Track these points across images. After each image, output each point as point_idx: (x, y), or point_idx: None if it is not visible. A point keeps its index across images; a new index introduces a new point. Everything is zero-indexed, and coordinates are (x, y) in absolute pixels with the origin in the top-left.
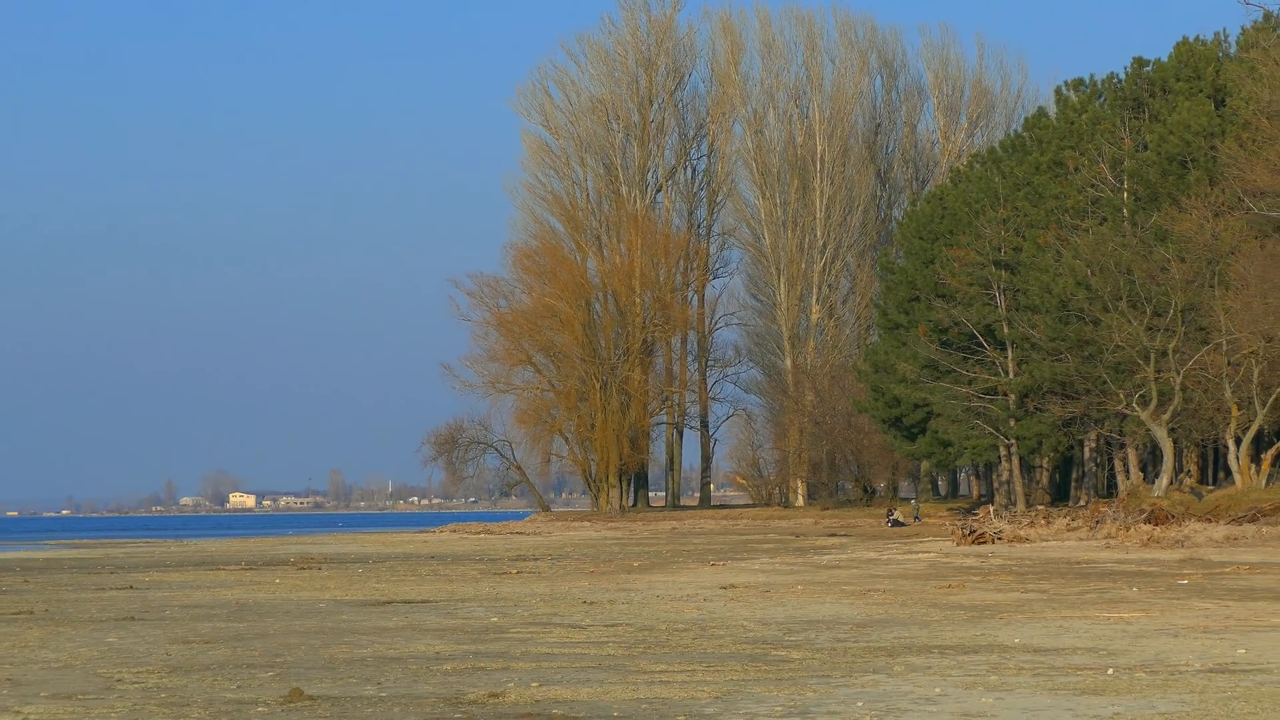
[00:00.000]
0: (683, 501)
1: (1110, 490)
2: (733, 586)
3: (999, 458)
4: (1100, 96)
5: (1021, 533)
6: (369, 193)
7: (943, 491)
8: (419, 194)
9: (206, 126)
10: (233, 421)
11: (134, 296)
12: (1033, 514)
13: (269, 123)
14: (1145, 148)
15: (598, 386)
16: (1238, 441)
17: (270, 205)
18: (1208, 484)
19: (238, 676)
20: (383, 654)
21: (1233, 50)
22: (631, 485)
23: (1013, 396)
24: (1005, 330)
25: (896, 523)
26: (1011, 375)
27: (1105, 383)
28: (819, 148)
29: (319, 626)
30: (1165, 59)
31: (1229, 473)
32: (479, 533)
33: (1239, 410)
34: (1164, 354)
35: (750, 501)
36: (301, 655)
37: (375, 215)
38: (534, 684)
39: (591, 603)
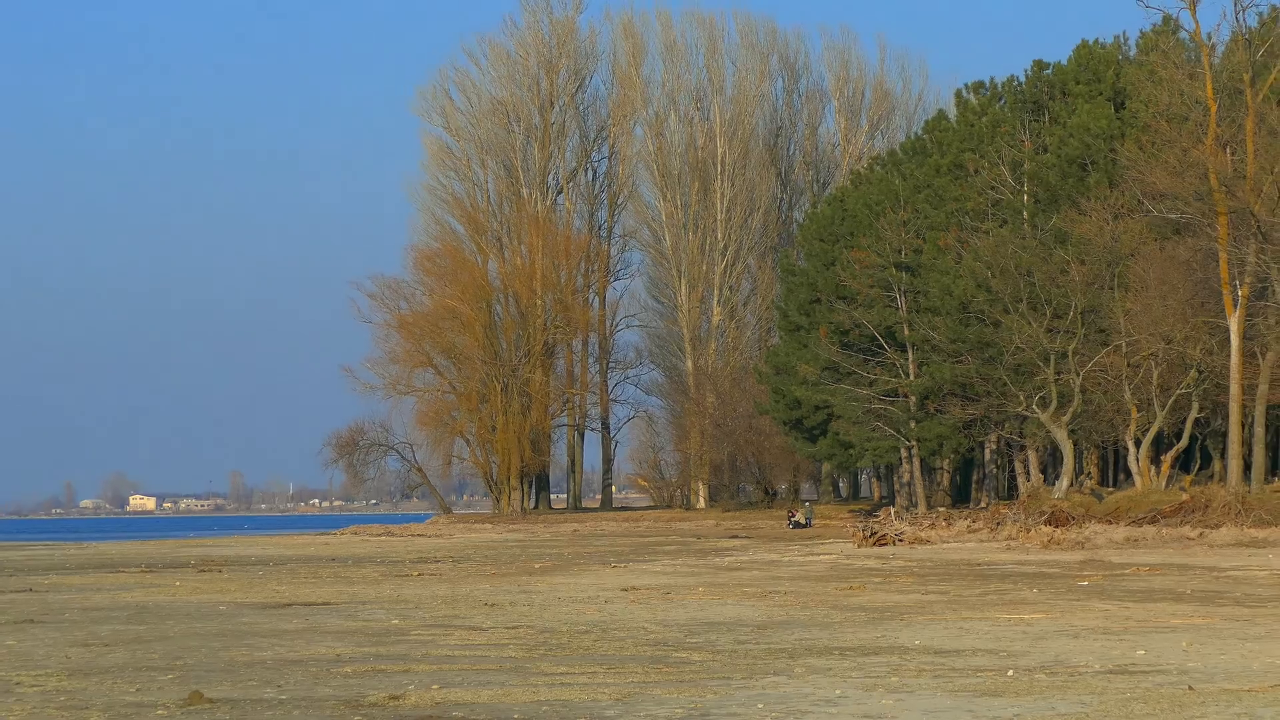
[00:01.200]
0: (584, 503)
1: (1011, 492)
2: (634, 589)
3: (900, 459)
4: (1000, 99)
5: (922, 534)
6: (270, 193)
7: (844, 493)
8: (320, 196)
9: (118, 119)
10: (133, 424)
11: (30, 297)
12: (934, 516)
13: (167, 120)
14: (1045, 150)
15: (499, 388)
16: (1138, 443)
17: (168, 206)
18: (1108, 486)
19: (137, 679)
20: (283, 656)
21: (1132, 53)
22: (533, 487)
23: (913, 398)
24: (906, 332)
25: (798, 524)
26: (912, 377)
27: (1005, 384)
28: (720, 150)
29: (219, 629)
30: (1065, 62)
31: (1129, 474)
32: (380, 535)
33: (1139, 412)
34: (1064, 356)
35: (652, 503)
36: (202, 658)
37: (276, 217)
38: (434, 686)
39: (493, 605)
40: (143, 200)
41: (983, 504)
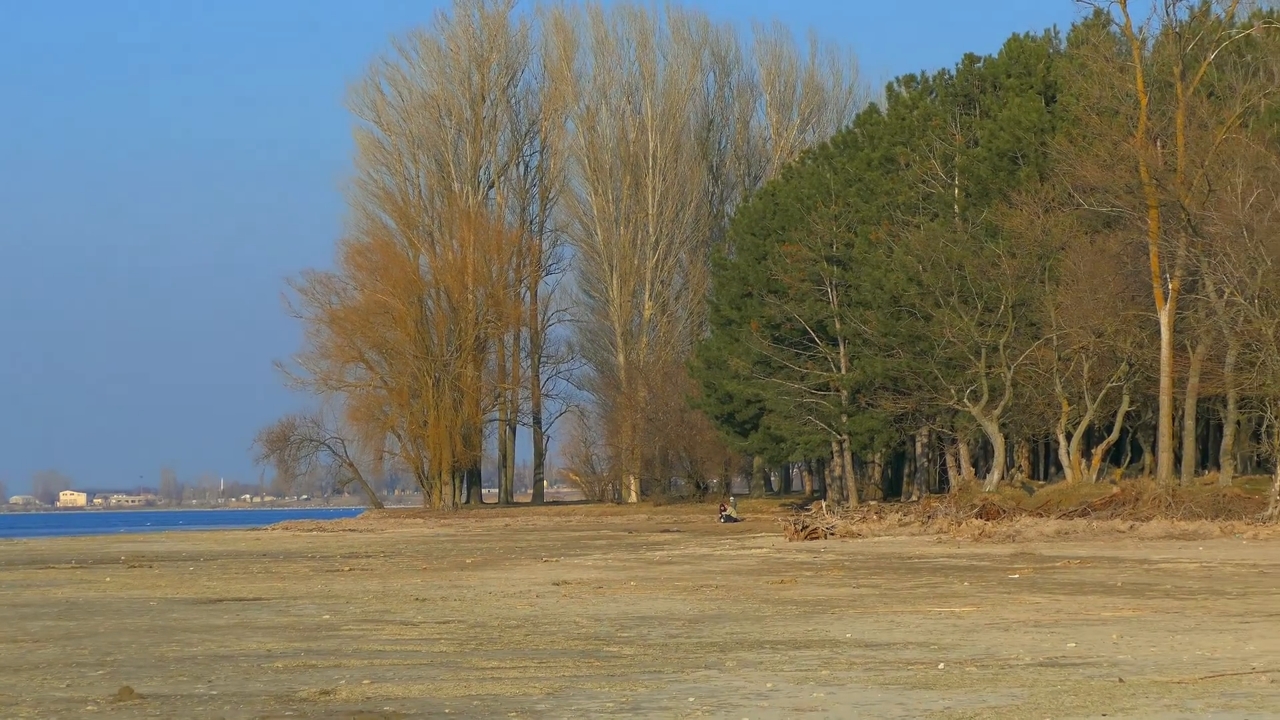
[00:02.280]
0: (516, 498)
1: (942, 485)
2: (565, 583)
3: (831, 453)
4: (932, 93)
5: (854, 528)
6: (201, 189)
7: (776, 487)
8: (251, 190)
9: (43, 112)
10: (63, 419)
11: None
12: (865, 509)
13: (96, 113)
14: (976, 144)
15: (430, 383)
16: (1068, 436)
17: (99, 199)
18: (1039, 479)
19: (67, 675)
20: (214, 652)
21: (1063, 47)
22: (464, 482)
23: (845, 392)
24: (837, 326)
25: (729, 518)
26: (844, 371)
27: (937, 378)
28: (651, 144)
29: (150, 625)
30: (996, 55)
31: (1060, 468)
32: (311, 530)
33: (1070, 405)
34: (995, 349)
35: (584, 498)
36: (132, 654)
37: (207, 211)
38: (366, 681)
39: (424, 600)
40: (70, 195)
41: (914, 497)
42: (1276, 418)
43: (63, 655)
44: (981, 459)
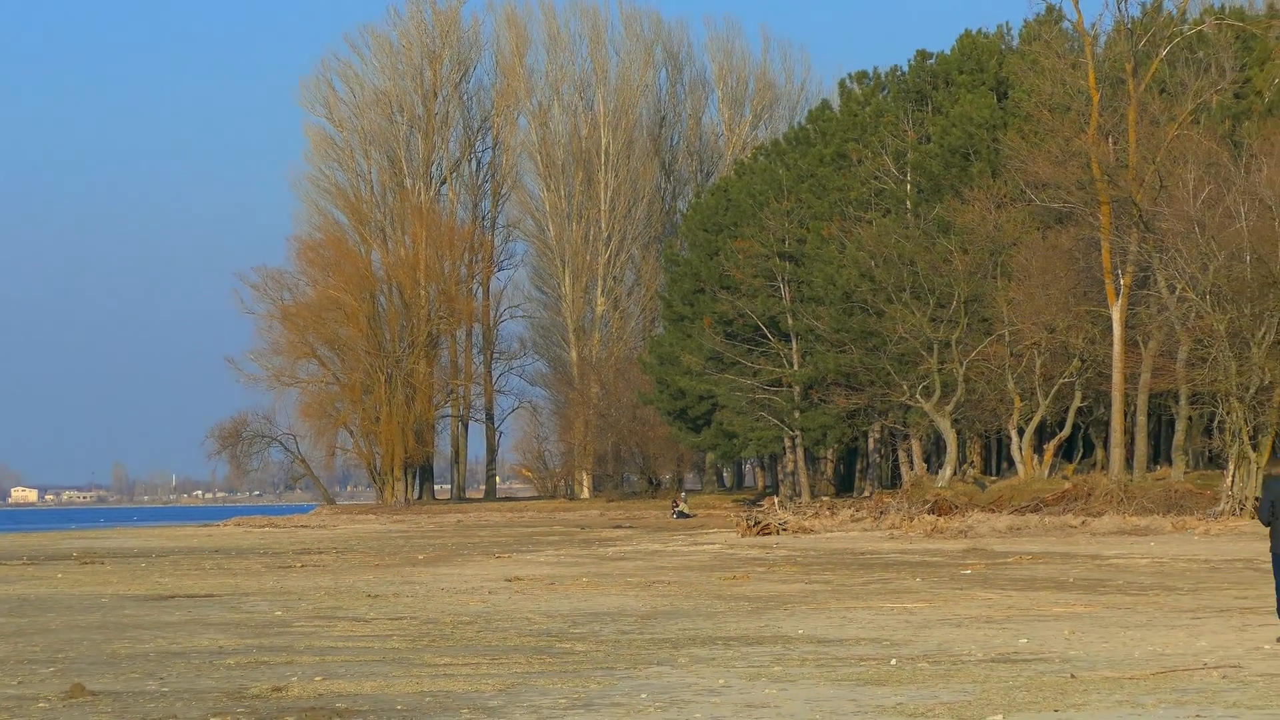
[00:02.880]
0: (468, 494)
1: (895, 481)
2: (518, 579)
3: (784, 449)
4: (884, 89)
5: (806, 524)
6: (155, 184)
7: (728, 483)
8: (205, 187)
9: None
10: (13, 415)
11: None
12: (817, 505)
13: (51, 106)
14: (928, 140)
15: (383, 379)
16: (1020, 432)
17: (52, 194)
18: (991, 475)
19: (18, 672)
20: (165, 649)
21: (1015, 43)
22: (417, 478)
23: (797, 388)
24: (790, 322)
25: (682, 514)
26: (796, 367)
27: (889, 374)
28: (604, 140)
29: (101, 621)
30: (948, 52)
31: (1012, 463)
32: (263, 526)
33: (1021, 401)
34: (947, 345)
35: (536, 494)
36: (84, 650)
37: (159, 207)
38: (318, 678)
39: (376, 596)
40: (20, 188)
41: (866, 493)
42: (1228, 413)
43: (14, 652)
44: (934, 455)
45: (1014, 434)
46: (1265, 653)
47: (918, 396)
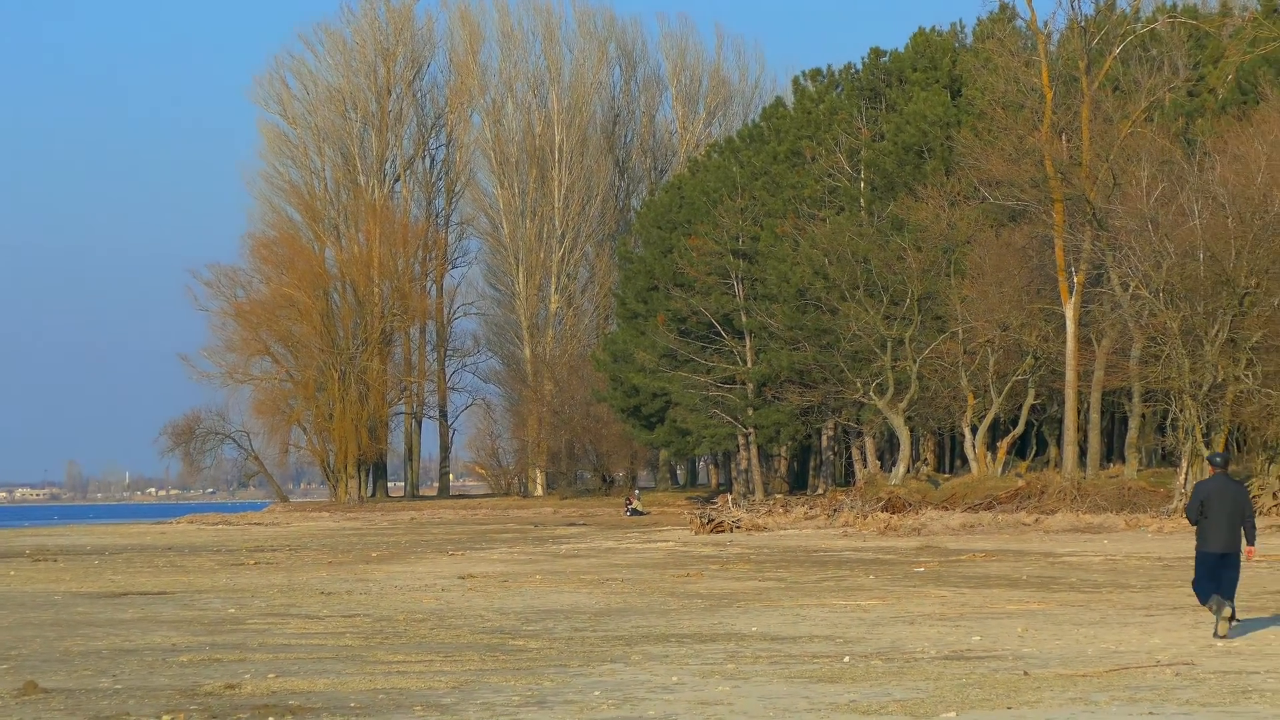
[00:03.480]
0: (422, 491)
1: (848, 479)
2: (471, 576)
3: (737, 446)
4: (838, 87)
5: (759, 521)
6: (107, 180)
7: (682, 480)
8: (158, 183)
9: None
10: None
11: None
12: (771, 502)
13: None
14: (882, 137)
15: (336, 376)
16: (974, 430)
17: (2, 190)
18: (944, 472)
19: None
20: (119, 646)
21: (969, 41)
22: (370, 475)
23: (751, 385)
24: (743, 319)
25: (635, 512)
26: (750, 364)
27: (843, 371)
28: (557, 137)
29: (54, 619)
30: (902, 49)
31: (966, 461)
32: (217, 524)
33: (975, 398)
34: (901, 343)
35: (490, 491)
36: (36, 648)
37: (113, 205)
38: (271, 675)
39: (329, 593)
40: None
41: (820, 491)
42: (1181, 411)
43: None
44: (887, 452)
45: (967, 431)
46: (1218, 650)
47: (871, 394)
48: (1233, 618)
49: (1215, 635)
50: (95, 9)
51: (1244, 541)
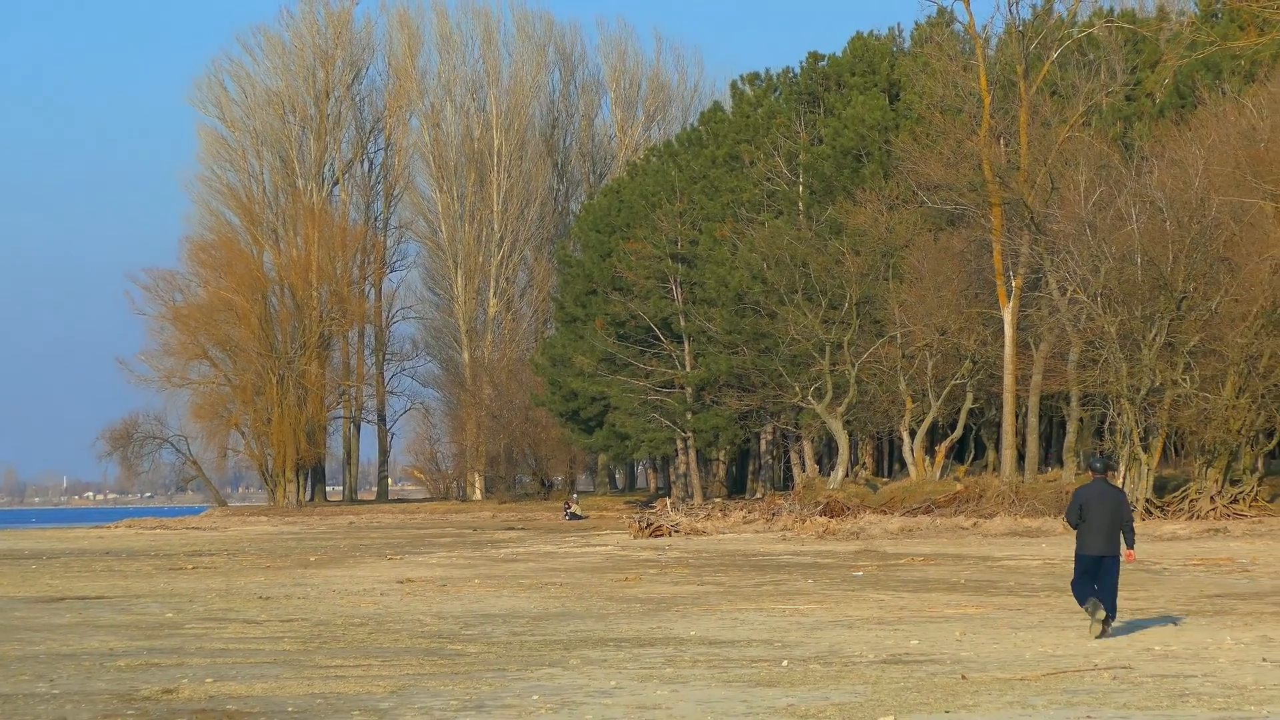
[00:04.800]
0: (360, 496)
1: (787, 483)
2: (409, 581)
3: (676, 450)
4: (776, 91)
5: (698, 525)
6: (45, 183)
7: (621, 484)
8: (97, 187)
9: None
10: None
11: None
12: (710, 506)
13: None
14: (820, 141)
15: (274, 380)
16: (912, 434)
17: None
18: (883, 476)
19: None
20: (56, 651)
21: (907, 45)
22: (309, 480)
23: (690, 389)
24: (682, 323)
25: (574, 516)
26: (688, 368)
27: (781, 375)
28: (496, 141)
29: None
30: (841, 54)
31: (904, 465)
32: (155, 528)
33: (913, 403)
34: (839, 347)
35: (428, 495)
36: None
37: (49, 208)
38: (209, 680)
39: (267, 598)
40: None
41: (759, 495)
42: (1119, 415)
43: None
44: (826, 456)
45: (906, 435)
46: (1155, 654)
47: (810, 398)
48: (1108, 620)
49: (1092, 636)
50: (32, 11)
51: (1124, 545)
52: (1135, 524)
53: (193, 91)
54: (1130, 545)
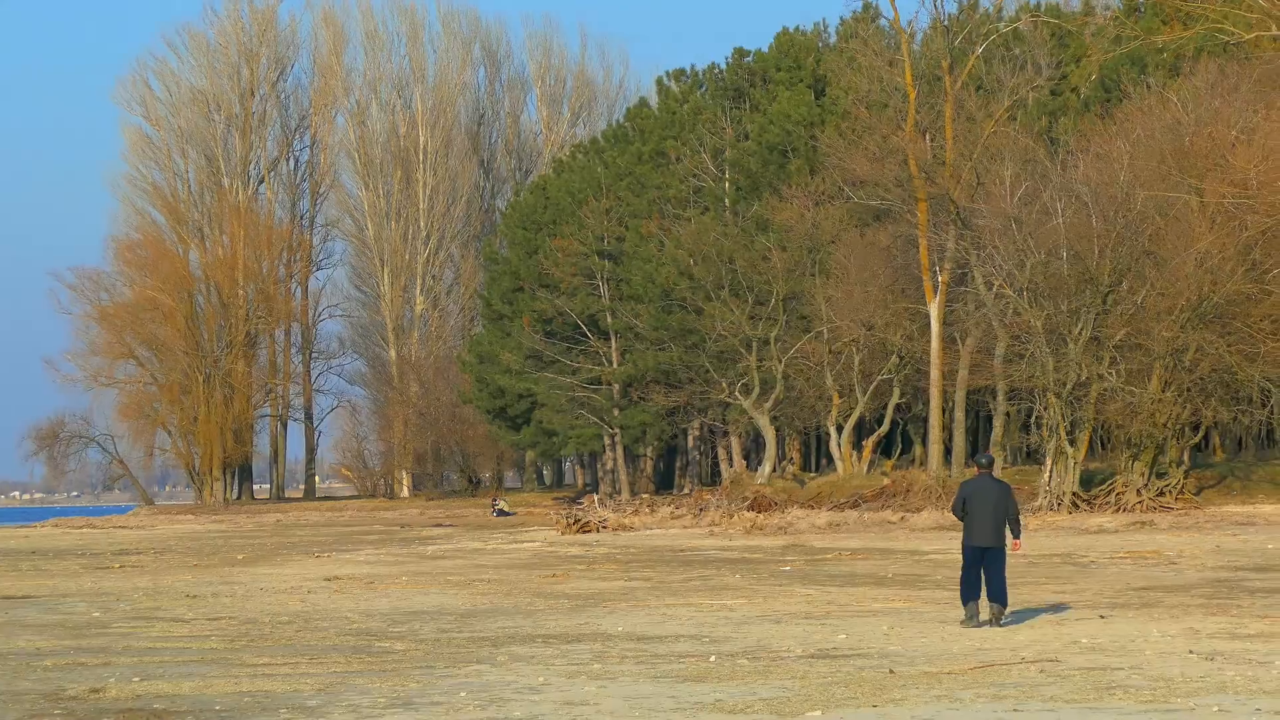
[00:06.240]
0: (288, 494)
1: (715, 478)
2: (337, 578)
3: (604, 447)
4: (702, 87)
5: (626, 521)
6: None
7: (548, 481)
8: (21, 185)
9: None
10: None
11: None
12: (637, 502)
13: None
14: (746, 137)
15: (201, 379)
16: (839, 429)
17: None
18: (810, 471)
19: None
20: None
21: (833, 40)
22: (236, 478)
23: (617, 386)
24: (609, 320)
25: (502, 512)
26: (615, 365)
27: (708, 371)
28: (422, 138)
29: None
30: (766, 49)
31: (831, 460)
32: (81, 527)
33: (840, 398)
34: (766, 343)
35: (356, 493)
36: None
37: None
38: (136, 679)
39: (195, 596)
40: None
41: (686, 490)
42: (1045, 409)
43: None
44: (753, 451)
45: (833, 431)
46: (1082, 646)
47: (737, 394)
48: (1001, 609)
49: (971, 625)
50: None
51: (1010, 537)
52: (1062, 520)
53: (117, 90)
54: (1016, 536)
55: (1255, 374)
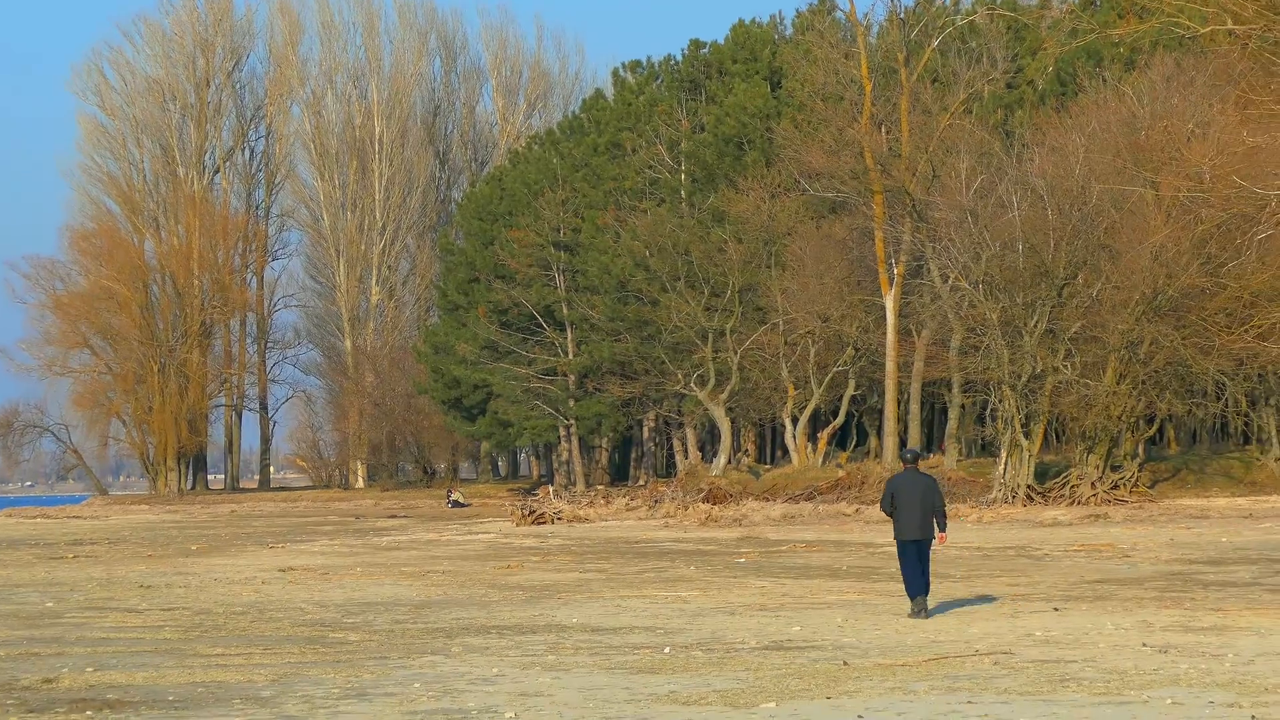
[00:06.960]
0: (242, 484)
1: (670, 470)
2: (291, 569)
3: (559, 438)
4: (658, 78)
5: (581, 512)
6: None
7: (503, 472)
8: None
9: None
10: None
11: None
12: (592, 494)
13: None
14: (702, 129)
15: (156, 369)
16: (795, 421)
17: None
18: (765, 463)
19: None
20: None
21: (789, 33)
22: (190, 468)
23: (572, 377)
24: (565, 311)
25: (457, 503)
26: (571, 356)
27: (664, 363)
28: (378, 129)
29: None
30: (722, 41)
31: (786, 452)
32: (35, 517)
33: (796, 390)
34: (722, 334)
35: (311, 484)
36: None
37: None
38: (89, 669)
39: (148, 587)
40: None
41: (641, 482)
42: (1000, 401)
43: None
44: (709, 443)
45: (788, 422)
46: (1036, 639)
47: (692, 385)
48: (924, 605)
49: (919, 616)
50: None
51: (937, 529)
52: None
53: (72, 79)
54: (942, 529)
55: (1210, 367)
